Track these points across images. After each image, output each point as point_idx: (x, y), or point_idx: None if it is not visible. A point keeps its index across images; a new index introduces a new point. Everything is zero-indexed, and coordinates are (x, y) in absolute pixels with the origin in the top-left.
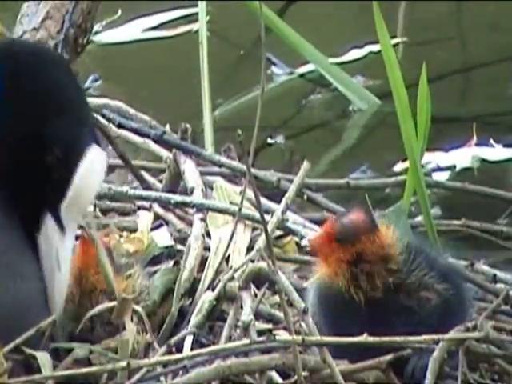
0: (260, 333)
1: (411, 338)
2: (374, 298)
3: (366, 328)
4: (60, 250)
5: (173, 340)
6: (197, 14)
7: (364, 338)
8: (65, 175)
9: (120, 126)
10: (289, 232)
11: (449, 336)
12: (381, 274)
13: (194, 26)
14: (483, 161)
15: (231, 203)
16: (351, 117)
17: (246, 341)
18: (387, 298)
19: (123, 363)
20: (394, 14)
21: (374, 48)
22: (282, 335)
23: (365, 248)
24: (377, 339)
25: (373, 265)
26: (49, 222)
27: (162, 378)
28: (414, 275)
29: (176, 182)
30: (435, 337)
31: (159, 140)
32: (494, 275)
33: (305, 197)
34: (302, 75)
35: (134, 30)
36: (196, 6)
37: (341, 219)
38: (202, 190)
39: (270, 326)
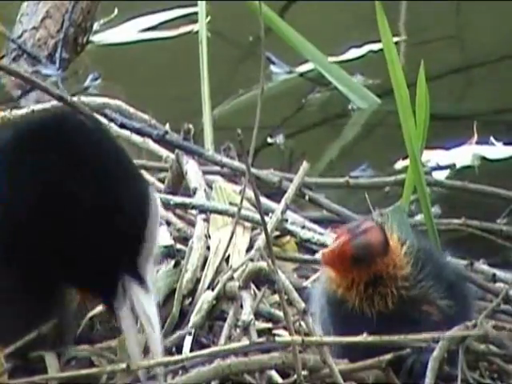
0: (260, 332)
1: (411, 337)
2: (384, 311)
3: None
4: (148, 310)
5: (170, 340)
6: (196, 13)
7: (364, 337)
8: (137, 234)
9: (122, 126)
10: (288, 233)
11: (449, 334)
12: (394, 292)
13: (194, 27)
14: (484, 159)
15: (231, 204)
16: (351, 116)
17: (246, 342)
18: (396, 309)
19: (123, 365)
20: (394, 14)
21: (374, 47)
22: (282, 334)
23: (381, 270)
24: (377, 338)
25: (388, 286)
26: (133, 286)
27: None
28: (419, 287)
29: (178, 182)
30: (435, 335)
31: (161, 140)
32: (494, 274)
33: (306, 197)
34: (301, 74)
35: (133, 29)
36: (195, 4)
37: (357, 238)
38: (205, 190)
39: (269, 325)
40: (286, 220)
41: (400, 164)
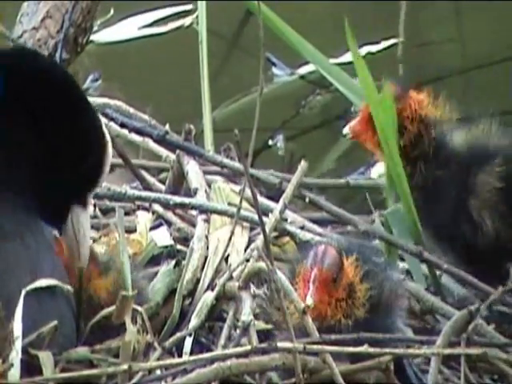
0: (260, 332)
1: (410, 351)
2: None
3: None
4: (83, 224)
5: (170, 341)
6: (188, 11)
7: (364, 348)
8: (96, 174)
9: (122, 125)
10: (287, 234)
11: (448, 351)
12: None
13: (185, 21)
14: None
15: (230, 204)
16: (352, 118)
17: (247, 347)
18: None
19: (125, 366)
20: (395, 15)
21: (373, 48)
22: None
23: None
24: (377, 350)
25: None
26: (77, 210)
27: (162, 379)
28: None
29: (179, 182)
30: (434, 351)
31: (161, 140)
32: None
33: (307, 199)
34: (302, 76)
35: (129, 28)
36: (187, 3)
37: (323, 263)
38: (206, 190)
39: (269, 325)
40: (286, 220)
41: (375, 171)
